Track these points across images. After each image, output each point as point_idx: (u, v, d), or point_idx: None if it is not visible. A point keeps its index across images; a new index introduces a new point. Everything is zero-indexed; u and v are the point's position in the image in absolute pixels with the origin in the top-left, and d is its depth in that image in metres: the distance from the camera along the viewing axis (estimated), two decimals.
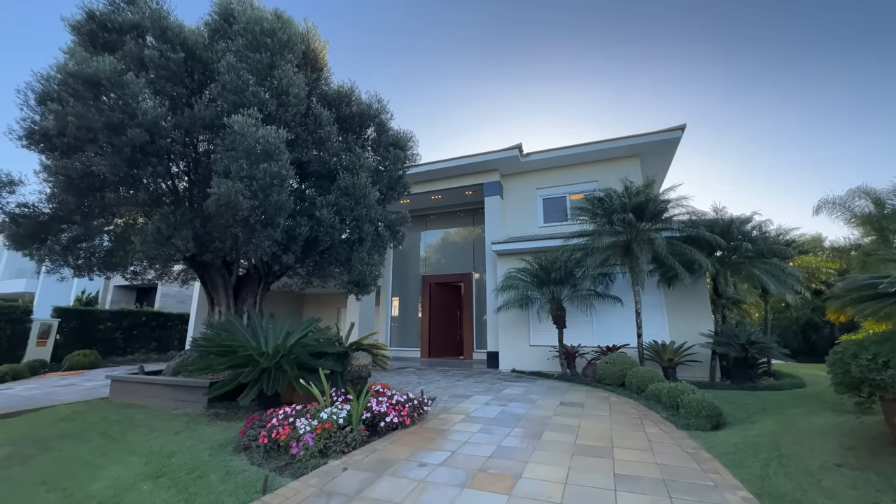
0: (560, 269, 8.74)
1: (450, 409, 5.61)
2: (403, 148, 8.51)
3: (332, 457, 3.79)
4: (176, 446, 4.25)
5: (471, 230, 14.14)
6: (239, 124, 5.34)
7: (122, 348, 13.96)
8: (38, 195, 6.55)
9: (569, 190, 11.80)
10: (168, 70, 6.01)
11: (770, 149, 36.33)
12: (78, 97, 5.29)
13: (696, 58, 25.51)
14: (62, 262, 6.81)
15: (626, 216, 7.63)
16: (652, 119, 46.30)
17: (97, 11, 6.12)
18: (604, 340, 9.25)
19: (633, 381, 6.65)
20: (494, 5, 23.33)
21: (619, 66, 29.56)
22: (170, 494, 3.20)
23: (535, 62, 30.90)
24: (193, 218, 6.42)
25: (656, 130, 10.26)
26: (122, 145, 5.50)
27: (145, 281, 9.42)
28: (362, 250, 7.46)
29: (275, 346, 5.66)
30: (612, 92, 33.70)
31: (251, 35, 6.12)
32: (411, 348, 13.88)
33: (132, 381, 6.74)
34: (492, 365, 10.53)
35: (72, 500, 3.26)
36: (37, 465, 4.07)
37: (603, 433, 4.43)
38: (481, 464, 3.54)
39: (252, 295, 7.83)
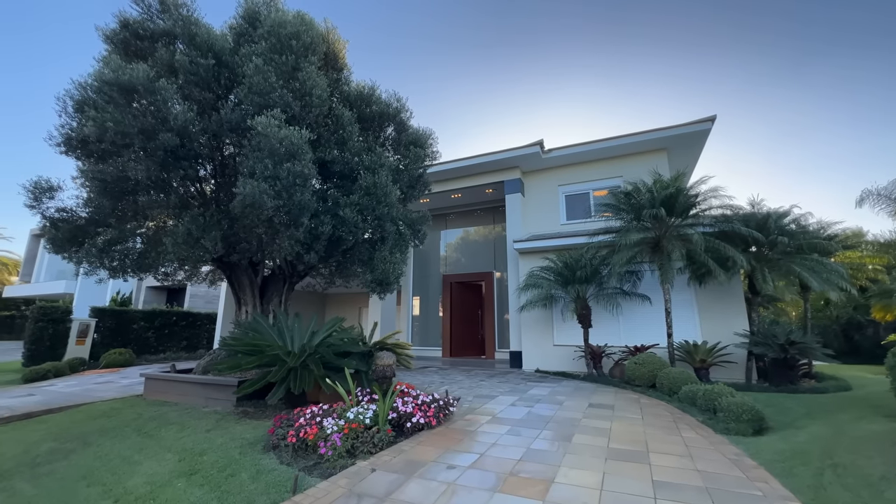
0: (585, 267, 8.53)
1: (475, 410, 5.53)
2: (423, 146, 8.46)
3: (359, 457, 3.78)
4: (207, 444, 4.33)
5: (491, 229, 14.00)
6: (262, 125, 5.40)
7: (155, 347, 14.45)
8: (75, 200, 6.81)
9: (592, 186, 11.52)
10: (197, 75, 6.14)
11: (804, 141, 34.60)
12: (114, 103, 5.46)
13: (718, 49, 24.56)
14: (98, 264, 7.05)
15: (656, 211, 7.36)
16: (667, 114, 44.93)
17: (131, 20, 6.31)
18: (631, 340, 8.99)
19: (665, 382, 6.41)
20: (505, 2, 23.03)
21: (635, 61, 28.75)
22: (203, 492, 3.24)
23: (551, 58, 30.42)
24: (221, 219, 6.54)
25: (684, 122, 9.89)
26: (155, 149, 5.66)
27: (175, 282, 9.71)
28: (384, 249, 7.46)
29: (301, 345, 5.71)
30: (628, 88, 32.85)
31: (275, 38, 6.19)
32: (433, 347, 13.86)
33: (165, 379, 6.94)
34: (515, 365, 10.39)
35: (111, 495, 3.35)
36: (78, 459, 4.21)
37: (636, 437, 4.26)
38: (511, 467, 3.45)
39: (277, 295, 7.95)
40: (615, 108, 42.82)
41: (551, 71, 33.95)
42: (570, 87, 36.20)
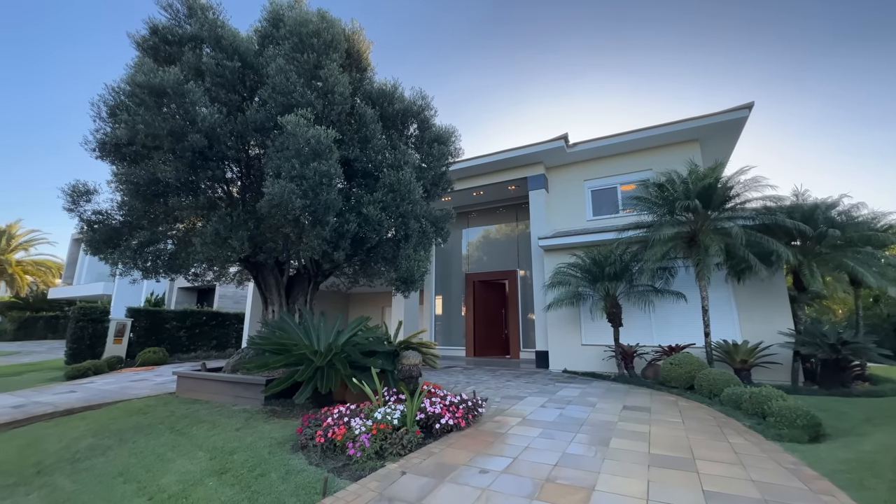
0: (615, 264, 8.22)
1: (505, 412, 5.37)
2: (446, 143, 8.35)
3: (388, 459, 3.69)
4: (237, 443, 4.33)
5: (514, 226, 13.76)
6: (291, 124, 5.40)
7: (186, 346, 14.88)
8: (110, 203, 7.01)
9: (620, 180, 11.14)
10: (223, 77, 6.22)
11: (854, 126, 32.48)
12: (145, 106, 5.57)
13: (752, 30, 23.36)
14: (132, 265, 7.25)
15: (691, 203, 7.00)
16: (693, 106, 43.17)
17: (160, 26, 6.44)
18: (665, 339, 8.61)
19: (704, 383, 6.07)
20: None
21: (659, 50, 27.75)
22: (234, 492, 3.22)
23: (573, 48, 29.73)
24: (247, 219, 6.60)
25: (719, 111, 9.41)
26: (184, 151, 5.75)
27: (205, 282, 9.94)
28: (408, 247, 7.39)
29: (327, 344, 5.68)
30: (652, 79, 31.76)
31: (297, 37, 6.19)
32: (456, 347, 13.74)
33: (196, 377, 7.07)
34: (541, 365, 10.15)
35: (145, 492, 3.37)
36: (115, 456, 4.29)
37: (679, 442, 4.01)
38: (547, 473, 3.28)
39: (303, 294, 7.99)
40: (639, 100, 41.60)
41: (573, 62, 33.24)
42: (593, 80, 35.34)
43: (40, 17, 33.41)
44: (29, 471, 4.09)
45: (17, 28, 35.91)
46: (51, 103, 46.58)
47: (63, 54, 39.30)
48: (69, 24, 36.88)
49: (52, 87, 40.15)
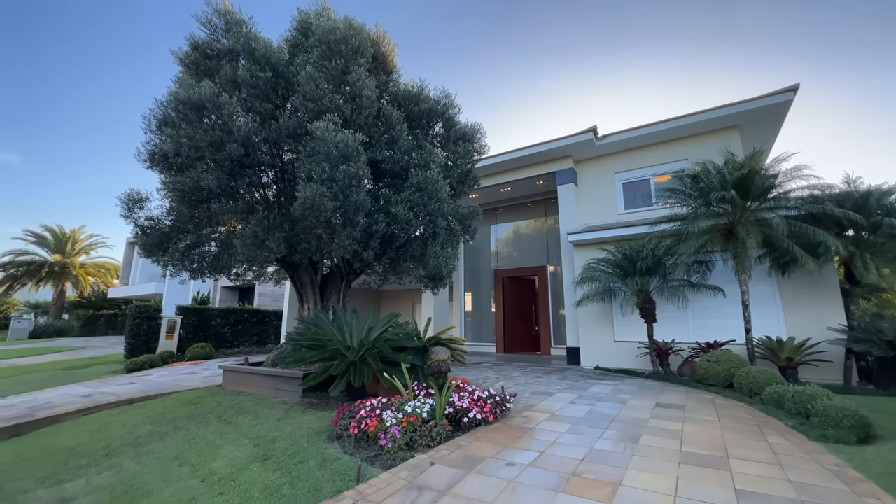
0: (647, 258, 8.00)
1: (533, 407, 5.40)
2: (472, 141, 8.40)
3: (418, 450, 3.83)
4: (278, 432, 4.62)
5: (543, 221, 13.61)
6: (321, 130, 5.64)
7: (230, 342, 15.77)
8: (160, 209, 7.59)
9: (653, 171, 10.78)
10: (257, 88, 6.56)
11: None
12: (187, 120, 5.99)
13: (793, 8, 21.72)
14: (181, 266, 7.80)
15: (728, 194, 6.70)
16: (723, 91, 40.59)
17: (200, 41, 6.87)
18: (702, 336, 8.30)
19: (744, 382, 5.84)
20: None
21: (692, 37, 26.32)
22: (276, 476, 3.46)
23: (604, 33, 28.78)
24: (283, 222, 6.95)
25: (761, 95, 8.91)
26: (223, 160, 6.13)
27: (245, 281, 10.51)
28: (436, 245, 7.52)
29: (359, 340, 5.91)
30: (685, 66, 30.16)
31: (325, 45, 6.43)
32: (486, 343, 13.79)
33: (239, 371, 7.53)
34: (572, 361, 10.04)
35: (198, 474, 3.68)
36: (170, 441, 4.69)
37: (713, 441, 3.91)
38: (574, 467, 3.31)
39: (336, 292, 8.31)
40: (670, 88, 39.72)
41: (603, 48, 32.19)
42: (623, 66, 34.07)
43: (94, 36, 36.02)
44: (99, 453, 4.55)
45: (69, 47, 38.81)
46: (106, 118, 50.28)
47: (119, 72, 42.27)
48: (122, 40, 39.55)
49: (108, 102, 43.32)
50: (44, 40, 43.48)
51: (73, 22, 31.49)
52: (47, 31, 34.98)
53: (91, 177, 61.05)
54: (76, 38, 34.07)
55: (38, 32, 35.52)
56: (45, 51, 48.54)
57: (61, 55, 41.78)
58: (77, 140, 49.28)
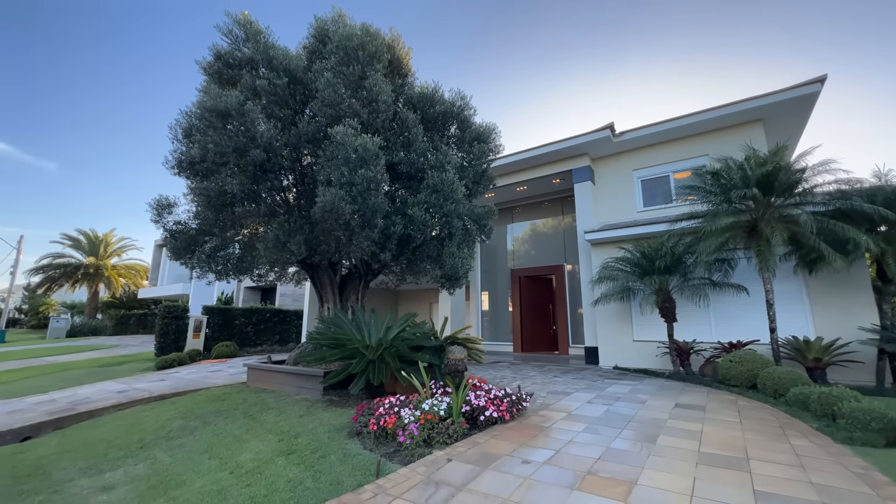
0: (666, 257, 7.87)
1: (549, 406, 5.42)
2: (486, 141, 8.43)
3: (435, 447, 3.92)
4: (301, 428, 4.79)
5: (560, 220, 13.52)
6: (340, 134, 5.79)
7: (253, 340, 16.25)
8: (187, 213, 7.91)
9: (672, 168, 10.58)
10: (276, 95, 6.77)
11: None
12: (213, 128, 6.24)
13: None
14: (207, 268, 8.11)
15: (750, 191, 6.55)
16: (742, 86, 39.17)
17: (222, 51, 7.13)
18: (724, 336, 8.13)
19: (768, 382, 5.71)
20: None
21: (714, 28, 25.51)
22: (300, 470, 3.61)
23: (618, 31, 28.26)
24: (303, 224, 7.15)
25: (787, 87, 8.64)
26: (246, 165, 6.36)
27: (267, 282, 10.82)
28: (452, 245, 7.59)
29: (377, 339, 6.04)
30: (703, 61, 29.26)
31: (343, 51, 6.58)
32: (503, 342, 13.80)
33: (263, 369, 7.79)
34: (591, 361, 9.96)
35: (227, 467, 3.87)
36: (200, 436, 4.92)
37: (733, 442, 3.86)
38: (590, 466, 3.34)
39: (354, 292, 8.49)
40: (687, 83, 38.64)
41: (614, 50, 31.61)
42: (638, 63, 33.39)
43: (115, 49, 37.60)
44: (134, 445, 4.81)
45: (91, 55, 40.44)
46: (130, 124, 52.39)
47: (140, 82, 44.00)
48: (143, 50, 41.11)
49: (131, 107, 45.17)
50: (70, 48, 45.32)
51: (95, 31, 32.84)
52: (74, 38, 36.55)
53: (118, 181, 63.81)
54: (98, 46, 35.47)
55: (65, 40, 37.02)
56: (67, 58, 50.75)
57: (83, 62, 43.63)
58: (104, 145, 51.64)
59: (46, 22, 44.53)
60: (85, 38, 32.14)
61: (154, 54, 39.37)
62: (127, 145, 56.43)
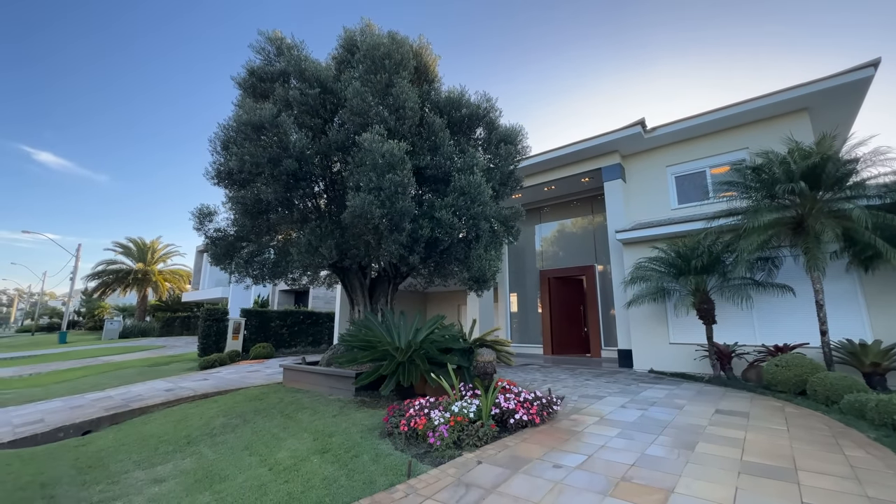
0: (703, 256, 7.55)
1: (581, 410, 5.33)
2: (513, 142, 8.40)
3: (465, 449, 3.94)
4: (335, 427, 4.93)
5: (590, 219, 13.23)
6: (368, 141, 5.95)
7: (288, 342, 16.84)
8: (226, 221, 8.32)
9: (709, 163, 10.15)
10: (307, 105, 7.02)
11: None
12: (249, 139, 6.55)
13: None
14: (245, 273, 8.50)
15: (794, 185, 6.19)
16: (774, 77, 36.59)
17: (255, 67, 7.48)
18: (769, 338, 7.70)
19: (820, 388, 5.37)
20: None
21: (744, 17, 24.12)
22: (334, 468, 3.72)
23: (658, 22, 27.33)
24: (334, 229, 7.38)
25: (836, 73, 8.10)
26: (280, 174, 6.63)
27: (301, 285, 11.21)
28: (479, 247, 7.60)
29: (407, 341, 6.14)
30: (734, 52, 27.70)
31: (370, 60, 6.75)
32: (533, 345, 13.63)
33: (298, 369, 8.07)
34: (624, 364, 9.68)
35: (266, 463, 4.05)
36: (241, 433, 5.16)
37: (779, 451, 3.66)
38: (623, 472, 3.26)
39: (384, 295, 8.65)
40: (723, 73, 36.77)
41: (647, 46, 30.60)
42: (671, 57, 32.17)
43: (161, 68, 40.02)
44: (182, 441, 5.11)
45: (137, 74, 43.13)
46: (171, 140, 55.66)
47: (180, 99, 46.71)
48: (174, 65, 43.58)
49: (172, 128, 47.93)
50: (115, 73, 48.54)
51: (142, 53, 35.30)
52: (120, 61, 39.41)
53: (163, 191, 68.07)
54: (145, 67, 38.03)
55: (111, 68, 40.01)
56: (115, 80, 54.30)
57: (130, 85, 46.88)
58: (150, 159, 55.31)
59: (88, 48, 47.90)
60: (135, 58, 34.47)
61: (196, 77, 41.76)
62: (172, 159, 60.17)
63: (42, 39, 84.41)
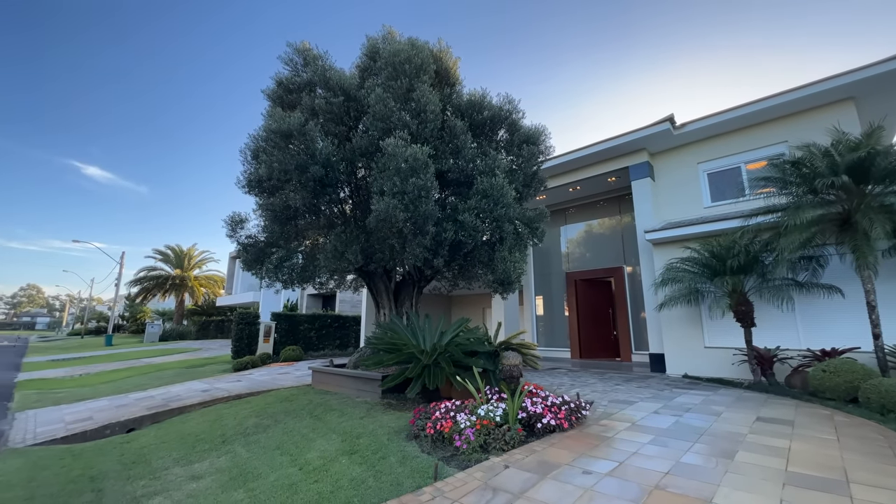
0: (739, 255, 7.21)
1: (611, 416, 5.18)
2: (536, 143, 8.32)
3: (492, 453, 3.90)
4: (362, 429, 4.99)
5: (617, 220, 12.90)
6: (391, 146, 6.04)
7: (316, 345, 17.21)
8: (256, 228, 8.62)
9: (744, 158, 9.71)
10: (332, 113, 7.21)
11: None
12: (277, 148, 6.77)
13: None
14: (274, 278, 8.76)
15: (839, 179, 5.83)
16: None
17: (283, 78, 7.74)
18: (814, 342, 7.26)
19: (873, 396, 5.01)
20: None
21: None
22: (362, 469, 3.77)
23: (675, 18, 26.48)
24: (359, 234, 7.51)
25: (886, 57, 7.59)
26: (307, 181, 6.82)
27: (328, 289, 11.46)
28: (503, 249, 7.55)
29: (432, 344, 6.15)
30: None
31: (391, 66, 6.87)
32: (560, 348, 13.38)
33: (326, 372, 8.22)
34: (656, 369, 9.35)
35: (297, 463, 4.14)
36: (272, 433, 5.30)
37: (829, 462, 3.44)
38: (657, 480, 3.14)
39: (409, 298, 8.71)
40: (756, 65, 35.08)
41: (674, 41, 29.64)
42: (700, 52, 31.01)
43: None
44: (217, 440, 5.30)
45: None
46: (203, 148, 58.27)
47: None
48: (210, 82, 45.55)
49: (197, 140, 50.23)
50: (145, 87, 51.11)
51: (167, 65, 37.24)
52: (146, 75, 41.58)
53: (195, 199, 71.54)
54: (170, 80, 40.11)
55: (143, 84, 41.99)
56: (141, 94, 57.09)
57: (157, 99, 49.51)
58: (185, 169, 58.24)
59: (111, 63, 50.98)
60: (164, 68, 36.39)
61: (220, 85, 43.69)
62: (204, 167, 63.16)
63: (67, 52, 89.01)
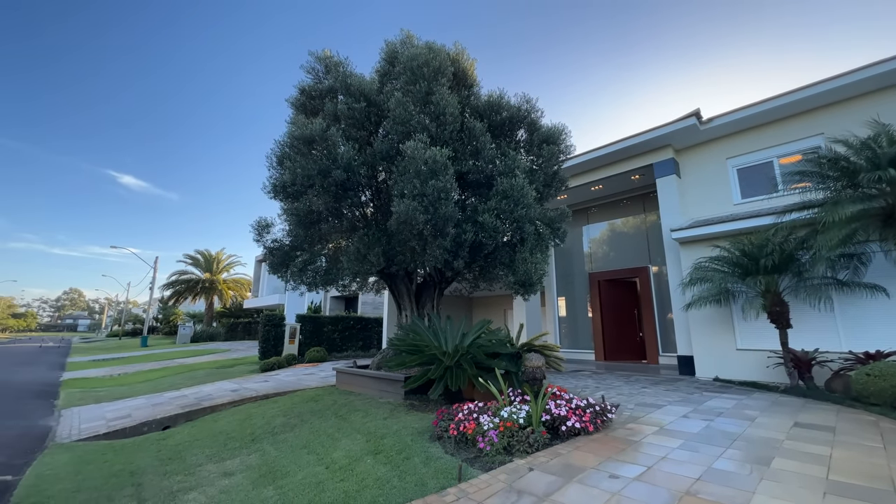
0: (773, 254, 6.90)
1: (638, 419, 5.05)
2: (556, 142, 8.22)
3: (516, 455, 3.88)
4: (386, 429, 5.05)
5: (642, 218, 12.60)
6: (411, 149, 6.11)
7: (339, 346, 17.50)
8: (281, 232, 8.86)
9: (777, 153, 9.32)
10: (353, 118, 7.34)
11: None
12: (300, 153, 6.95)
13: None
14: (299, 281, 8.98)
15: (883, 173, 5.52)
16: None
17: (305, 86, 7.94)
18: (856, 344, 6.88)
19: None
20: None
21: None
22: (386, 469, 3.81)
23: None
24: (380, 237, 7.61)
25: None
26: (329, 185, 6.96)
27: (350, 291, 11.65)
28: (524, 250, 7.49)
29: (454, 345, 6.17)
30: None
31: (410, 71, 6.94)
32: (583, 350, 13.15)
33: (350, 373, 8.36)
34: (685, 371, 9.07)
35: (323, 462, 4.23)
36: (299, 432, 5.43)
37: (875, 471, 3.25)
38: (688, 486, 3.05)
39: (430, 300, 8.76)
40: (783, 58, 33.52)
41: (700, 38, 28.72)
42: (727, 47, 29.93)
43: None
44: (247, 438, 5.47)
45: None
46: (225, 155, 60.23)
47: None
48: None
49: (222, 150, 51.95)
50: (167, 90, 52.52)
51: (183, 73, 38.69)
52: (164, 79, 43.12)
53: (221, 204, 74.28)
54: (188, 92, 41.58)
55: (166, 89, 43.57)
56: (167, 98, 59.00)
57: (178, 106, 51.40)
58: (211, 176, 60.54)
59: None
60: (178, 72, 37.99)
61: (237, 89, 45.00)
62: (228, 173, 65.35)
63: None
